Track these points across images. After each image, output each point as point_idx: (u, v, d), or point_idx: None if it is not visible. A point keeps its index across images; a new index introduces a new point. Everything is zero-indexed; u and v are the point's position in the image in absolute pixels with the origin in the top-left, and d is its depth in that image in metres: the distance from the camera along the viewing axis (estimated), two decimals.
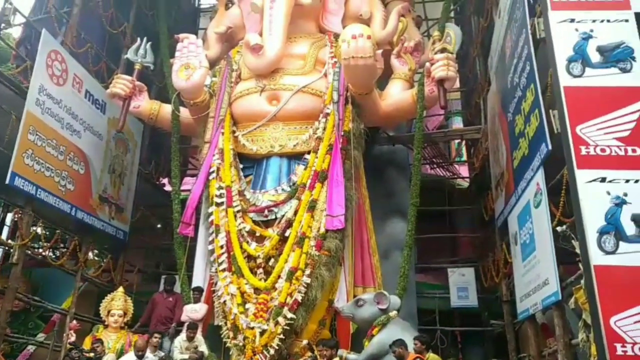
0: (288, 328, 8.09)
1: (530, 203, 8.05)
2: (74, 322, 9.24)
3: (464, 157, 15.89)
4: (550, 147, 7.05)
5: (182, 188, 11.13)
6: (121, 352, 8.66)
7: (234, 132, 9.80)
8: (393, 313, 7.95)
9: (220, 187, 9.28)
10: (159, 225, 14.43)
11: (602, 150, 6.10)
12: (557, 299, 7.07)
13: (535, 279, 7.92)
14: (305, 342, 7.95)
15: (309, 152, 9.32)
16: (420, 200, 9.57)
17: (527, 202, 8.25)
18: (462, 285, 12.34)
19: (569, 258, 6.82)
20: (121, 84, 10.47)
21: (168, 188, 12.90)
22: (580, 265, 5.97)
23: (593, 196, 5.89)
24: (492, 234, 11.45)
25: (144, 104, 10.89)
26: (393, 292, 8.45)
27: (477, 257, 12.90)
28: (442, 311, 12.19)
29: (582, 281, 6.04)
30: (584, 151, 6.09)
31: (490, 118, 11.28)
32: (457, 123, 16.65)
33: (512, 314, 10.43)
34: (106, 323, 9.47)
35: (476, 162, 12.84)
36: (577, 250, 6.03)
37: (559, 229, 6.80)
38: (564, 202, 6.78)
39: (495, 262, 11.08)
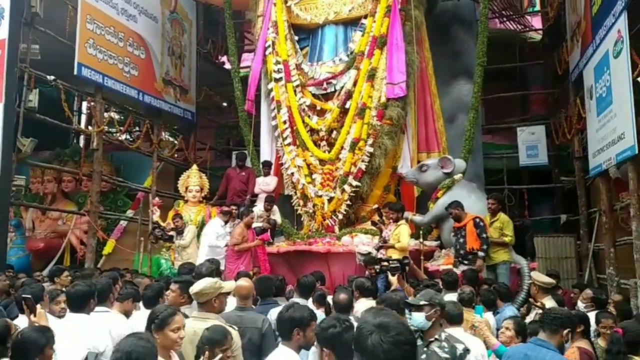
0: (354, 195, 8.37)
1: (609, 53, 7.41)
2: (156, 199, 9.96)
3: (537, 7, 14.53)
4: None
5: (241, 65, 11.11)
6: (202, 224, 9.37)
7: (286, 1, 9.38)
8: (458, 176, 7.97)
9: (277, 62, 9.16)
10: (224, 104, 14.74)
11: None
12: (633, 153, 6.76)
13: (611, 134, 7.56)
14: (374, 206, 8.20)
15: (365, 17, 8.84)
16: (488, 58, 9.01)
17: (606, 52, 7.60)
18: (531, 144, 12.03)
19: None
20: None
21: (228, 66, 12.91)
22: None
23: None
24: (566, 89, 10.84)
25: None
26: (458, 156, 8.40)
27: (548, 115, 12.36)
28: (510, 170, 12.09)
29: None
30: None
31: None
32: None
33: (583, 170, 10.20)
34: (185, 198, 10.17)
35: (550, 12, 11.74)
36: None
37: None
38: None
39: (567, 119, 10.61)
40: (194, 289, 3.45)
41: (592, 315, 4.38)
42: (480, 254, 6.53)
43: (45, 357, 2.65)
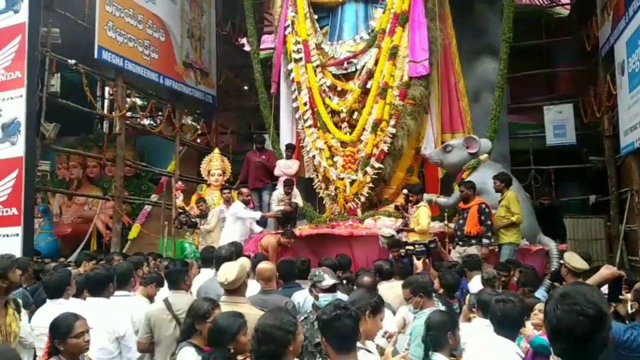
0: (376, 177, 8.24)
1: None
2: (179, 183, 10.00)
3: None
4: None
5: (260, 47, 10.99)
6: None
7: None
8: (484, 156, 7.78)
9: (297, 42, 9.00)
10: (245, 87, 14.68)
11: None
12: None
13: None
14: (404, 191, 8.00)
15: None
16: (513, 34, 8.73)
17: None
18: (559, 123, 11.72)
19: None
20: None
21: (248, 48, 12.81)
22: None
23: None
24: (595, 65, 10.49)
25: None
26: (483, 136, 8.17)
27: (576, 93, 12.00)
28: (536, 150, 11.80)
29: None
30: None
31: None
32: None
33: (614, 149, 9.90)
34: (208, 182, 10.18)
35: None
36: None
37: None
38: None
39: (597, 96, 10.28)
40: (229, 277, 3.35)
41: None
42: (485, 240, 6.41)
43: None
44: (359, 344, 2.70)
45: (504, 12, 8.81)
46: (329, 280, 3.47)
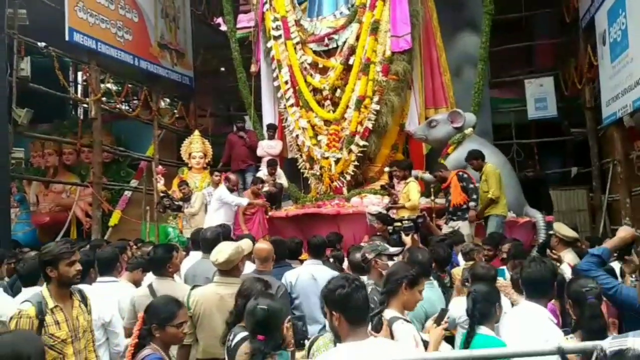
0: (361, 155, 8.15)
1: None
2: (160, 167, 9.79)
3: None
4: None
5: (237, 27, 10.71)
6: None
7: None
8: (469, 130, 7.74)
9: (275, 19, 8.79)
10: (222, 68, 14.37)
11: None
12: None
13: (626, 80, 7.30)
14: (387, 169, 7.97)
15: None
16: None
17: None
18: (540, 96, 11.72)
19: None
20: None
21: (224, 28, 12.50)
22: None
23: None
24: (575, 37, 10.48)
25: None
26: (466, 110, 8.13)
27: (556, 65, 12.01)
28: (518, 124, 11.83)
29: None
30: None
31: None
32: None
33: (595, 121, 9.96)
34: (189, 165, 9.98)
35: None
36: None
37: None
38: None
39: (577, 68, 10.29)
40: (219, 258, 3.28)
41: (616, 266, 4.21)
42: (472, 204, 6.42)
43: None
44: (397, 314, 2.69)
45: None
46: (393, 249, 3.57)
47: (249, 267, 3.83)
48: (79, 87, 14.24)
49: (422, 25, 8.47)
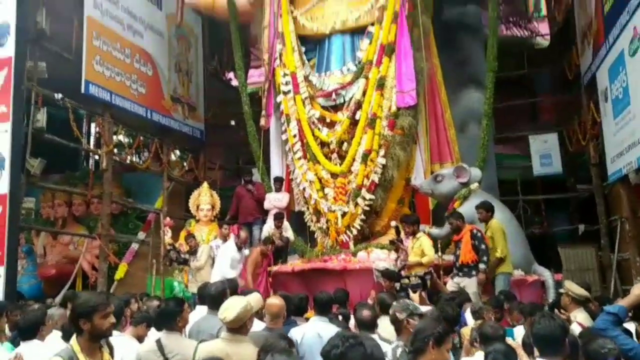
0: (368, 208, 8.18)
1: (625, 52, 7.27)
2: (168, 219, 9.84)
3: (544, 12, 14.44)
4: None
5: (248, 81, 11.03)
6: None
7: (291, 11, 9.28)
8: (474, 185, 7.77)
9: (285, 74, 9.05)
10: (232, 122, 14.66)
11: None
12: None
13: (630, 136, 7.38)
14: (393, 224, 7.96)
15: (372, 24, 8.70)
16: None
17: (621, 52, 7.46)
18: (544, 152, 11.79)
19: None
20: None
21: (235, 83, 12.85)
22: None
23: None
24: (577, 94, 10.67)
25: None
26: (472, 165, 8.19)
27: (560, 122, 12.16)
28: (524, 180, 11.85)
29: None
30: None
31: None
32: None
33: (600, 177, 9.97)
34: (197, 218, 10.02)
35: (558, 15, 11.66)
36: None
37: None
38: None
39: (581, 124, 10.42)
40: (227, 316, 3.23)
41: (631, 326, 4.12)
42: (481, 266, 6.31)
43: None
44: None
45: (489, 42, 8.99)
46: (424, 307, 3.45)
47: (256, 325, 3.78)
48: (92, 139, 14.54)
49: (427, 81, 8.68)
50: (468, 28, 10.82)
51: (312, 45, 9.30)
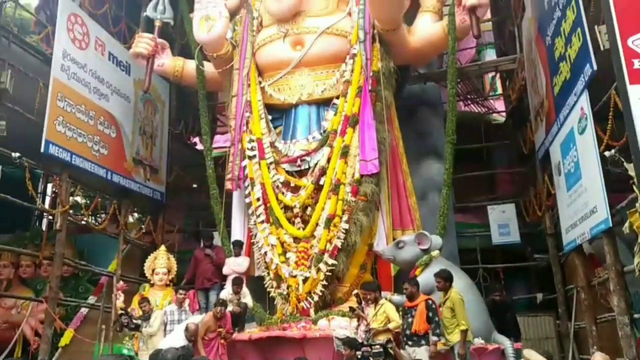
0: (330, 274, 8.09)
1: (575, 130, 7.68)
2: (121, 283, 9.46)
3: (499, 91, 15.32)
4: (595, 67, 6.61)
5: (213, 146, 11.07)
6: None
7: (260, 82, 9.54)
8: (435, 252, 7.84)
9: (251, 140, 9.15)
10: (194, 185, 14.55)
11: None
12: (607, 225, 6.82)
13: (582, 208, 7.64)
14: (354, 292, 7.84)
15: (337, 97, 9.03)
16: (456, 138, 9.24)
17: (571, 130, 7.88)
18: (503, 222, 12.09)
19: (617, 185, 6.52)
20: (143, 42, 10.30)
21: (199, 147, 12.88)
22: (635, 189, 5.67)
23: None
24: (533, 167, 11.12)
25: (167, 61, 10.76)
26: (433, 233, 8.30)
27: (517, 193, 12.59)
28: (483, 249, 12.03)
29: (638, 204, 5.74)
30: (637, 64, 5.67)
31: (526, 46, 10.73)
32: (490, 56, 15.91)
33: (557, 247, 10.23)
34: (152, 282, 9.66)
35: (512, 94, 12.36)
36: (631, 173, 5.72)
37: (607, 153, 6.47)
38: (612, 124, 6.41)
39: (537, 196, 10.79)
40: None
41: None
42: (434, 338, 6.22)
43: None
44: None
45: (448, 116, 9.38)
46: None
47: None
48: (47, 198, 14.10)
49: (389, 151, 8.93)
50: (428, 103, 11.43)
51: (279, 113, 9.50)
